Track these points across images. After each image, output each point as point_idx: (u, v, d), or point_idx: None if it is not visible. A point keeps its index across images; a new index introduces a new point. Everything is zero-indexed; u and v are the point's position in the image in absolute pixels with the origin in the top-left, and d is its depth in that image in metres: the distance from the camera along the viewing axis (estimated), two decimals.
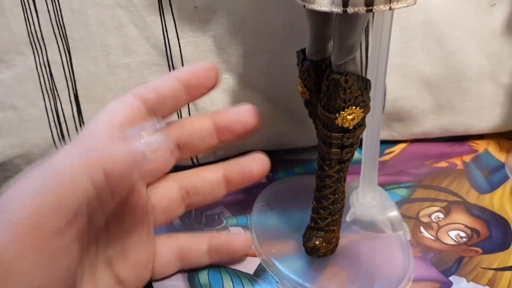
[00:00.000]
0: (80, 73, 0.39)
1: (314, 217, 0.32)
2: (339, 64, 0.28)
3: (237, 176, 0.33)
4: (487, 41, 0.40)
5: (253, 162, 0.33)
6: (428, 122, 0.43)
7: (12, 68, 0.38)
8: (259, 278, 0.33)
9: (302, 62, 0.31)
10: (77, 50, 0.38)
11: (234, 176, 0.33)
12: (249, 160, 0.33)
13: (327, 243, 0.32)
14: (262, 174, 0.33)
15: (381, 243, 0.35)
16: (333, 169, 0.31)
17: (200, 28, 0.38)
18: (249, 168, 0.33)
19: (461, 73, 0.41)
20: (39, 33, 0.38)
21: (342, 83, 0.28)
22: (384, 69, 0.31)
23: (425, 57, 0.40)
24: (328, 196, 0.31)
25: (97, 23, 0.37)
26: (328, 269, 0.33)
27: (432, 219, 0.37)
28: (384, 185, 0.39)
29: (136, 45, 0.38)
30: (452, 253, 0.34)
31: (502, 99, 0.42)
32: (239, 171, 0.33)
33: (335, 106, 0.29)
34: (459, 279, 0.32)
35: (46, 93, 0.39)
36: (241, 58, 0.39)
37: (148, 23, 0.38)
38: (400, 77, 0.41)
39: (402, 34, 0.40)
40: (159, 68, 0.39)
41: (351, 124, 0.29)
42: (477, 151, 0.44)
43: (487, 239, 0.35)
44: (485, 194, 0.39)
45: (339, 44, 0.27)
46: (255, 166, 0.33)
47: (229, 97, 0.40)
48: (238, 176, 0.33)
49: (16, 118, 0.39)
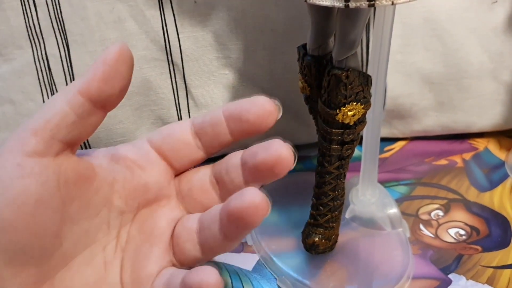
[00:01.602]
0: (78, 67, 0.38)
1: (314, 213, 0.32)
2: (340, 59, 0.28)
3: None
4: (488, 39, 0.40)
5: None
6: (429, 120, 0.43)
7: (10, 62, 0.38)
8: (257, 274, 0.33)
9: (303, 57, 0.31)
10: (75, 44, 0.38)
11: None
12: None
13: (327, 240, 0.32)
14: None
15: (380, 241, 0.35)
16: (333, 165, 0.31)
17: (200, 23, 0.38)
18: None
19: (462, 70, 0.41)
20: (38, 26, 0.37)
21: (343, 79, 0.28)
22: (385, 66, 0.31)
23: (426, 54, 0.40)
24: (328, 192, 0.31)
25: (96, 17, 0.37)
26: (327, 266, 0.32)
27: (431, 216, 0.37)
28: (383, 183, 0.39)
29: (136, 40, 0.38)
30: (451, 251, 0.34)
31: (503, 97, 0.42)
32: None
33: (335, 102, 0.28)
34: (459, 277, 0.32)
35: (44, 88, 0.39)
36: (241, 54, 0.39)
37: (148, 17, 0.38)
38: (401, 74, 0.41)
39: (403, 30, 0.39)
40: (158, 63, 0.39)
41: (352, 120, 0.29)
42: (477, 149, 0.44)
43: (486, 237, 0.35)
44: (485, 192, 0.39)
45: (341, 39, 0.27)
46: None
47: (229, 92, 0.40)
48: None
49: (14, 112, 0.39)
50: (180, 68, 0.39)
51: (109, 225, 0.29)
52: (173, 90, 0.40)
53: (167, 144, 0.29)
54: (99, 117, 0.26)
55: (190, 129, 0.29)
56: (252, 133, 0.28)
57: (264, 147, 0.27)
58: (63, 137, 0.25)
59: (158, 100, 0.40)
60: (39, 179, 0.25)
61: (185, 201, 0.30)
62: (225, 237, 0.27)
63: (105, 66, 0.25)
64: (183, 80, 0.40)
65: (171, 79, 0.40)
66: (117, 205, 0.28)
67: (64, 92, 0.26)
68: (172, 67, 0.39)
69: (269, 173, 0.27)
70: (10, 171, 0.24)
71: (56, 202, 0.25)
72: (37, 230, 0.25)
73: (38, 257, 0.25)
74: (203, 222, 0.28)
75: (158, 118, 0.41)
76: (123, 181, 0.28)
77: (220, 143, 0.29)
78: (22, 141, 0.25)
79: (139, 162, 0.29)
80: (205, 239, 0.28)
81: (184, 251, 0.28)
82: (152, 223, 0.29)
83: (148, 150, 0.29)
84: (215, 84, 0.40)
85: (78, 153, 0.27)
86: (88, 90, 0.25)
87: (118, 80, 0.25)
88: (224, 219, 0.27)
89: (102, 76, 0.25)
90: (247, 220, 0.25)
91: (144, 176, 0.29)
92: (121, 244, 0.29)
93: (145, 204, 0.29)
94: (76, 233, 0.27)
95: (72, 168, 0.26)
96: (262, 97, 0.28)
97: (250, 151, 0.28)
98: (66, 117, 0.25)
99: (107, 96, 0.25)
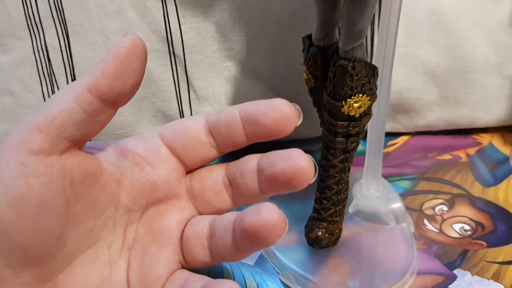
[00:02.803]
0: (78, 58, 0.38)
1: (317, 207, 0.32)
2: (346, 49, 0.27)
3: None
4: (494, 32, 0.40)
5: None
6: (433, 115, 0.43)
7: (10, 52, 0.38)
8: (260, 268, 0.33)
9: (308, 48, 0.31)
10: (76, 34, 0.37)
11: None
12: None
13: (330, 234, 0.32)
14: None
15: (384, 235, 0.34)
16: (337, 158, 0.30)
17: (202, 13, 0.37)
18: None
19: (467, 64, 0.40)
20: (37, 17, 0.37)
21: (349, 70, 0.27)
22: (391, 58, 0.31)
23: (431, 48, 0.40)
24: (332, 186, 0.31)
25: (97, 7, 0.37)
26: (330, 261, 0.32)
27: (436, 211, 0.37)
28: (387, 177, 0.38)
29: (137, 31, 0.38)
30: (456, 246, 0.34)
31: (508, 92, 0.42)
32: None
33: (341, 94, 0.28)
34: (464, 273, 0.32)
35: (43, 79, 0.38)
36: (244, 46, 0.38)
37: (149, 8, 0.37)
38: (406, 67, 0.40)
39: (408, 23, 0.39)
40: (160, 54, 0.38)
41: (358, 112, 0.28)
42: (481, 144, 0.43)
43: (491, 232, 0.35)
44: (489, 187, 0.39)
45: (347, 29, 0.27)
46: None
47: (231, 85, 0.40)
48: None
49: (13, 103, 0.39)
50: (181, 60, 0.39)
51: (115, 223, 0.28)
52: (174, 82, 0.40)
53: (179, 141, 0.28)
54: (109, 114, 0.25)
55: (204, 126, 0.28)
56: (269, 138, 0.27)
57: (283, 157, 0.26)
58: (70, 135, 0.24)
59: (159, 93, 0.40)
60: (43, 179, 0.23)
61: (196, 200, 0.29)
62: (237, 249, 0.26)
63: (116, 61, 0.24)
64: (184, 72, 0.39)
65: (172, 70, 0.39)
66: (124, 202, 0.27)
67: (72, 87, 0.24)
68: (174, 58, 0.39)
69: (287, 184, 0.26)
70: (13, 169, 0.23)
71: (61, 203, 0.24)
72: (39, 232, 0.24)
73: (40, 258, 0.24)
74: (214, 229, 0.27)
75: (158, 111, 0.41)
76: (131, 178, 0.27)
77: (234, 144, 0.28)
78: (26, 138, 0.23)
79: (149, 159, 0.28)
80: (215, 247, 0.27)
81: (193, 255, 0.28)
82: (161, 223, 0.28)
83: (159, 146, 0.28)
84: (217, 77, 0.40)
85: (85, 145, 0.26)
86: (98, 88, 0.24)
87: (129, 76, 0.24)
88: (237, 232, 0.26)
89: (113, 72, 0.24)
90: (261, 239, 0.24)
91: (153, 174, 0.28)
92: (128, 243, 0.28)
93: (154, 202, 0.28)
94: (81, 232, 0.26)
95: (78, 167, 0.25)
96: (282, 100, 0.26)
97: (268, 159, 0.26)
98: (74, 114, 0.24)
99: (118, 93, 0.24)
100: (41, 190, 0.23)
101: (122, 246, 0.28)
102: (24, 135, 0.23)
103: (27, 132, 0.23)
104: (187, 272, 0.28)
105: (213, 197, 0.29)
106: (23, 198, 0.23)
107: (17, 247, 0.23)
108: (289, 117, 0.26)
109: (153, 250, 0.28)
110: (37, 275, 0.24)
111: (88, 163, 0.26)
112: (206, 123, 0.28)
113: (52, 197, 0.24)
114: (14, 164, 0.23)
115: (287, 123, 0.26)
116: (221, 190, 0.29)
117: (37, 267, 0.24)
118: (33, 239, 0.24)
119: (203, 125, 0.28)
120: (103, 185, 0.26)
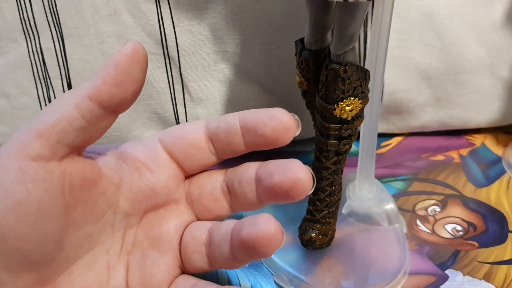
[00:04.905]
0: (73, 61, 0.38)
1: (311, 209, 0.32)
2: (338, 54, 0.27)
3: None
4: (486, 34, 0.40)
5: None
6: (426, 115, 0.43)
7: (5, 55, 0.38)
8: (254, 270, 0.33)
9: (300, 51, 0.31)
10: (70, 37, 0.37)
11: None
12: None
13: (323, 235, 0.32)
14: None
15: (377, 236, 0.34)
16: (330, 160, 0.30)
17: (196, 16, 0.38)
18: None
19: (459, 66, 0.41)
20: (32, 19, 0.37)
21: (341, 73, 0.27)
22: (383, 61, 0.31)
23: (423, 49, 0.40)
24: (325, 188, 0.31)
25: (92, 10, 0.37)
26: (323, 262, 0.32)
27: (428, 212, 0.37)
28: (380, 178, 0.39)
29: (131, 33, 0.38)
30: (448, 247, 0.34)
31: (500, 93, 0.42)
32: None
33: (333, 97, 0.28)
34: (455, 273, 0.32)
35: (38, 81, 0.38)
36: (238, 48, 0.39)
37: (144, 10, 0.37)
38: (398, 69, 0.41)
39: (401, 25, 0.39)
40: (154, 57, 0.39)
41: (350, 115, 0.29)
42: (474, 144, 0.43)
43: (483, 233, 0.35)
44: (481, 188, 0.39)
45: (339, 33, 0.27)
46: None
47: (225, 87, 0.40)
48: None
49: (8, 106, 0.39)
50: (176, 62, 0.39)
51: (114, 227, 0.28)
52: (169, 84, 0.40)
53: (179, 147, 0.28)
54: (109, 121, 0.25)
55: (204, 133, 0.28)
56: (267, 147, 0.27)
57: (281, 168, 0.26)
58: (70, 142, 0.24)
59: (153, 95, 0.40)
60: (42, 185, 0.23)
61: (194, 206, 0.29)
62: (234, 259, 0.26)
63: (117, 69, 0.23)
64: (179, 74, 0.39)
65: (167, 73, 0.39)
66: (123, 207, 0.28)
67: (73, 94, 0.24)
68: (168, 61, 0.39)
69: (285, 196, 0.26)
70: (12, 175, 0.23)
71: (59, 208, 0.24)
72: (38, 237, 0.24)
73: (38, 262, 0.24)
74: (213, 237, 0.27)
75: (153, 113, 0.41)
76: (130, 183, 0.28)
77: (233, 151, 0.28)
78: (26, 144, 0.23)
79: (148, 164, 0.28)
80: (213, 255, 0.27)
81: (191, 261, 0.28)
82: (159, 228, 0.28)
83: (159, 151, 0.28)
84: (211, 79, 0.40)
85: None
86: (99, 95, 0.24)
87: (131, 84, 0.24)
88: (235, 243, 0.26)
89: (114, 80, 0.24)
90: (258, 250, 0.25)
91: (152, 179, 0.28)
92: (127, 248, 0.28)
93: (152, 207, 0.28)
94: (79, 237, 0.26)
95: (78, 172, 0.25)
96: (281, 110, 0.26)
97: (267, 169, 0.27)
98: (74, 121, 0.24)
99: (119, 101, 0.24)
100: (40, 195, 0.23)
101: (121, 250, 0.28)
102: (24, 140, 0.24)
103: (27, 137, 0.24)
104: (192, 278, 0.28)
105: (211, 204, 0.29)
106: (22, 204, 0.23)
107: (16, 252, 0.23)
108: (288, 128, 0.26)
109: (153, 255, 0.28)
110: (35, 279, 0.25)
111: (87, 169, 0.26)
112: (206, 130, 0.28)
113: (51, 203, 0.24)
114: (13, 170, 0.23)
115: (286, 134, 0.26)
116: (219, 196, 0.29)
117: (35, 271, 0.24)
118: (32, 243, 0.24)
119: (203, 131, 0.28)
120: (102, 190, 0.26)
